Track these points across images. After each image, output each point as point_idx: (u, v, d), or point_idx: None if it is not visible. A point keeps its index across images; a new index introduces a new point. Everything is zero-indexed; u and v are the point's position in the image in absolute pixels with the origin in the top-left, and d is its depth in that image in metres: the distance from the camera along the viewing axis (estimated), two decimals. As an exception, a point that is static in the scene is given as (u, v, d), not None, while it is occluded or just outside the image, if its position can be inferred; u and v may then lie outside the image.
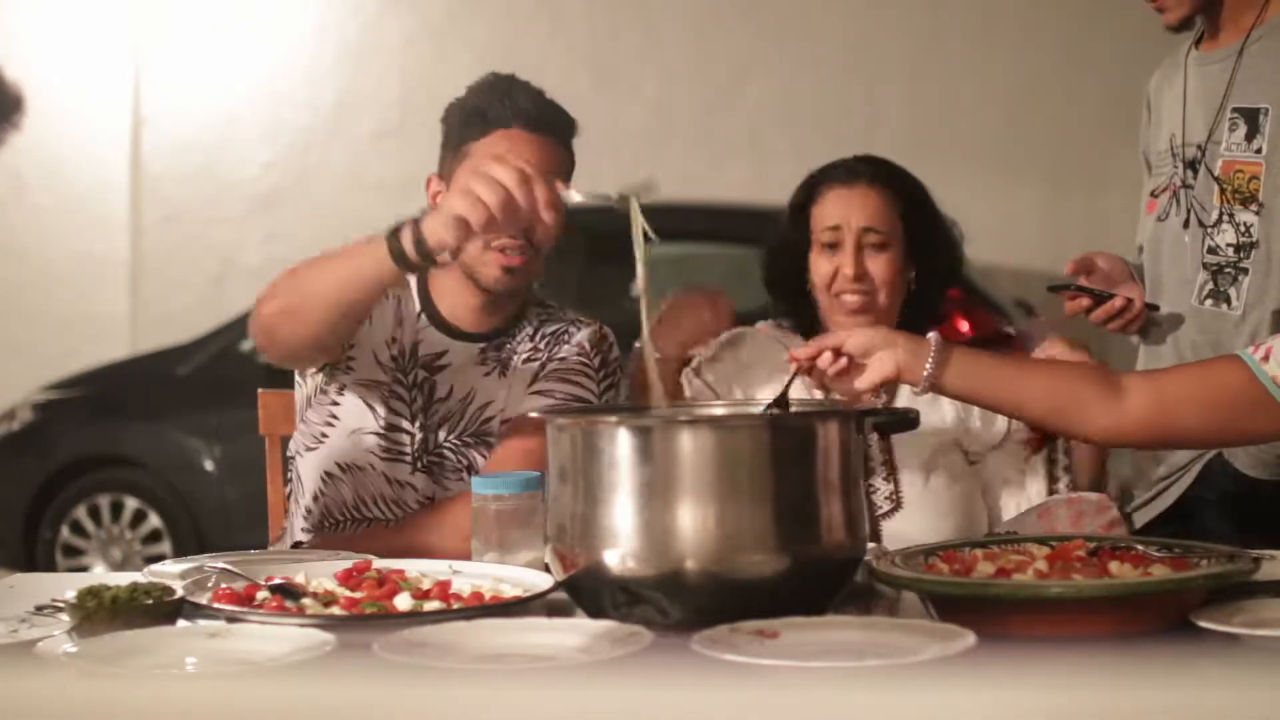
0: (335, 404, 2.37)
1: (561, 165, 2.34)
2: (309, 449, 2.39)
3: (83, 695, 1.47)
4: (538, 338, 2.40)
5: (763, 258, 2.55)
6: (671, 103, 8.02)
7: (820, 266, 2.42)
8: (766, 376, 2.39)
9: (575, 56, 8.02)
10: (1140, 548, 1.79)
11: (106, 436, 6.28)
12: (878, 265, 2.40)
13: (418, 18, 8.07)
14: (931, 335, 1.97)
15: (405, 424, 2.35)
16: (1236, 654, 1.57)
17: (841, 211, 2.43)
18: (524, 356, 2.39)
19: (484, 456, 2.35)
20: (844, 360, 1.97)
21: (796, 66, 7.97)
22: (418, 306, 2.38)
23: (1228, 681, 1.50)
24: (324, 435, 2.37)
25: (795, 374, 1.99)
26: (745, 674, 1.46)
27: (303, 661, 1.53)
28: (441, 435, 2.35)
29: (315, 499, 2.38)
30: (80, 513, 6.13)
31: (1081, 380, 1.96)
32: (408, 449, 2.35)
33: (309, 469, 2.39)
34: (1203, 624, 1.60)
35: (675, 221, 6.91)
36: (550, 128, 2.33)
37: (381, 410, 2.35)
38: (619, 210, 2.04)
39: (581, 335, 2.41)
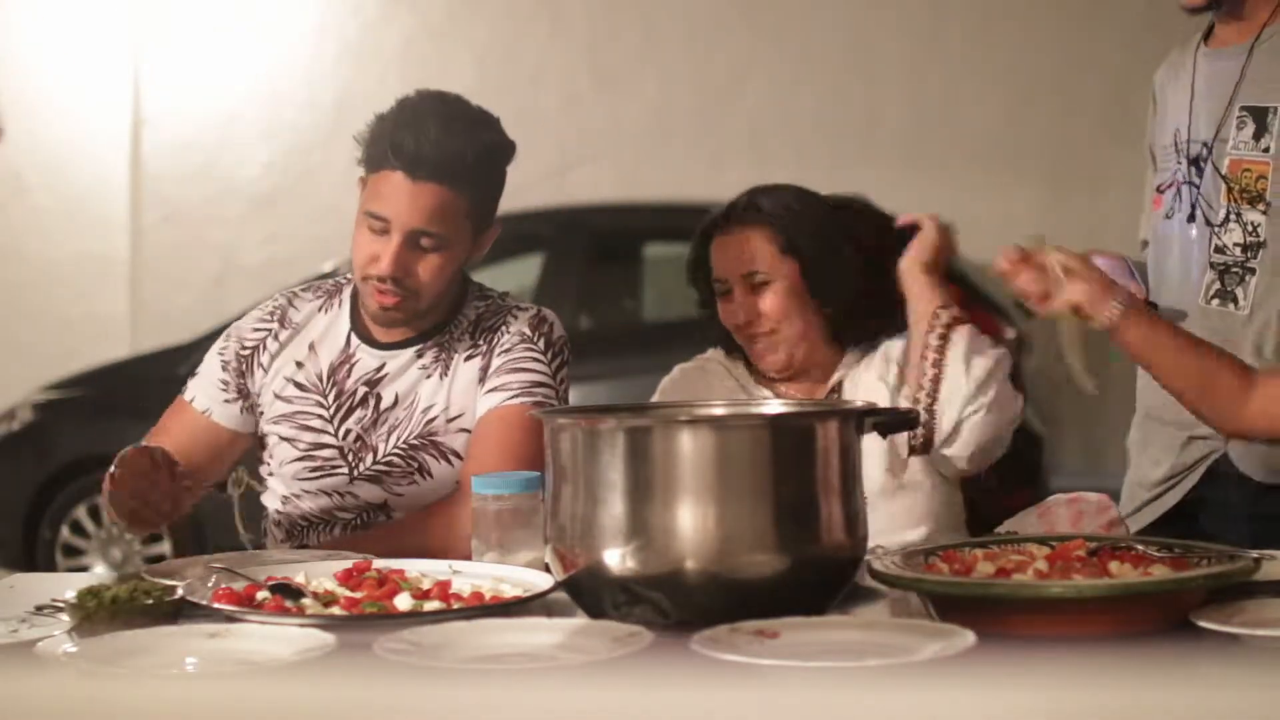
0: (263, 448, 2.45)
1: (448, 209, 2.27)
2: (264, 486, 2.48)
3: (83, 695, 1.47)
4: (476, 333, 2.39)
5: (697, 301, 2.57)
6: (671, 103, 8.02)
7: (722, 310, 2.48)
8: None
9: (575, 56, 8.02)
10: (1140, 548, 1.79)
11: (106, 436, 6.26)
12: (767, 303, 2.42)
13: (418, 18, 8.07)
14: (1131, 286, 2.11)
15: (329, 439, 2.37)
16: (1236, 654, 1.57)
17: (722, 262, 2.47)
18: (464, 355, 2.37)
19: (434, 458, 2.35)
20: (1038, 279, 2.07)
21: (796, 67, 7.97)
22: (349, 325, 2.41)
23: (1228, 681, 1.50)
24: (269, 474, 2.45)
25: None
26: (745, 674, 1.46)
27: (303, 661, 1.53)
28: (391, 442, 2.36)
29: (277, 524, 2.45)
30: (80, 513, 6.13)
31: (1226, 369, 2.11)
32: (339, 461, 2.37)
33: (268, 500, 2.46)
34: (1203, 624, 1.60)
35: (675, 221, 6.95)
36: (437, 174, 2.25)
37: (300, 435, 2.38)
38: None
39: (520, 322, 2.39)
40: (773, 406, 2.09)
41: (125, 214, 8.15)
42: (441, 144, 2.26)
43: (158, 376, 6.52)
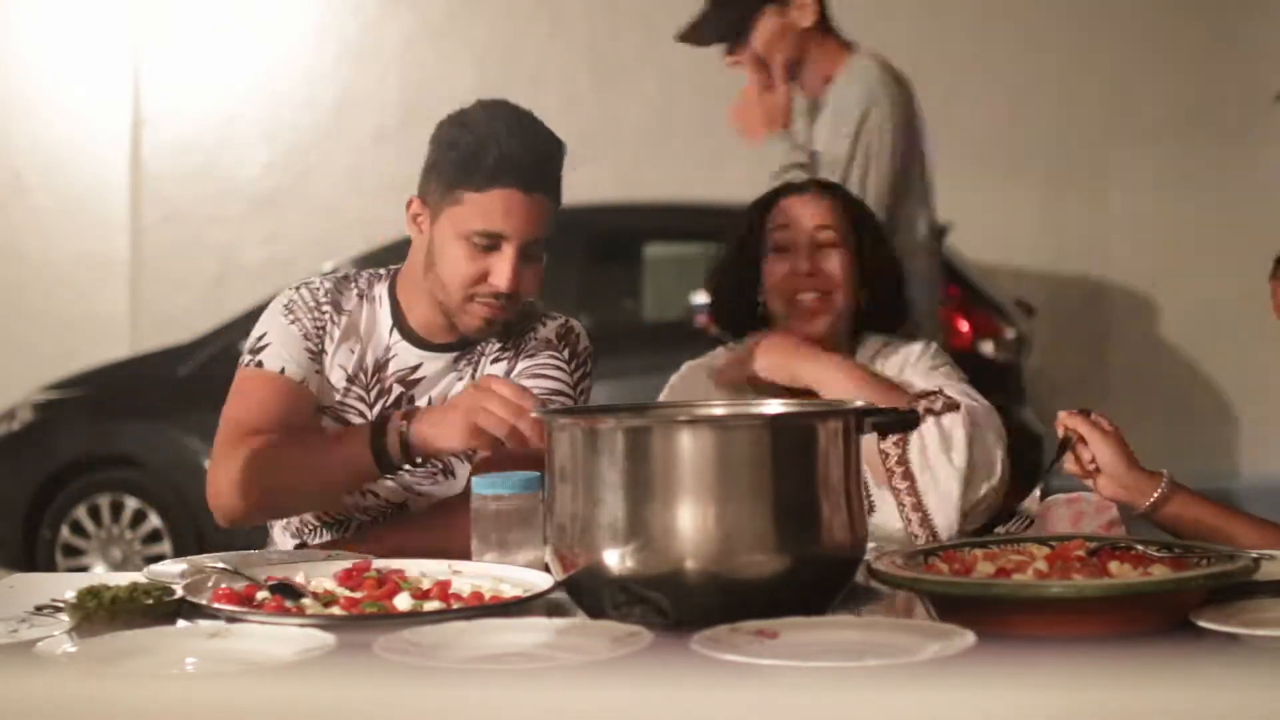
0: None
1: (549, 216, 2.31)
2: None
3: (83, 695, 1.47)
4: (505, 337, 2.40)
5: (708, 274, 2.60)
6: (671, 103, 8.03)
7: (774, 269, 2.50)
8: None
9: (575, 56, 8.03)
10: (1140, 548, 1.80)
11: (106, 436, 6.28)
12: (831, 264, 2.48)
13: (418, 18, 8.08)
14: (1164, 472, 2.18)
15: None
16: (1236, 654, 1.57)
17: (795, 213, 2.51)
18: (492, 357, 2.39)
19: (458, 459, 2.36)
20: (1092, 465, 2.20)
21: (796, 66, 7.97)
22: (390, 321, 2.39)
23: (1228, 681, 1.50)
24: None
25: (1064, 447, 2.20)
26: (745, 674, 1.46)
27: (303, 661, 1.53)
28: None
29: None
30: (80, 513, 6.13)
31: (1250, 534, 2.13)
32: None
33: None
34: (1203, 624, 1.60)
35: (675, 221, 6.96)
36: (545, 184, 2.30)
37: (336, 425, 2.37)
38: None
39: (547, 330, 2.42)
40: (773, 406, 2.09)
41: (125, 214, 8.15)
42: (542, 154, 2.31)
43: (158, 376, 6.53)
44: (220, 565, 1.95)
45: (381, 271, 2.46)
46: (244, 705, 1.44)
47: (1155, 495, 2.16)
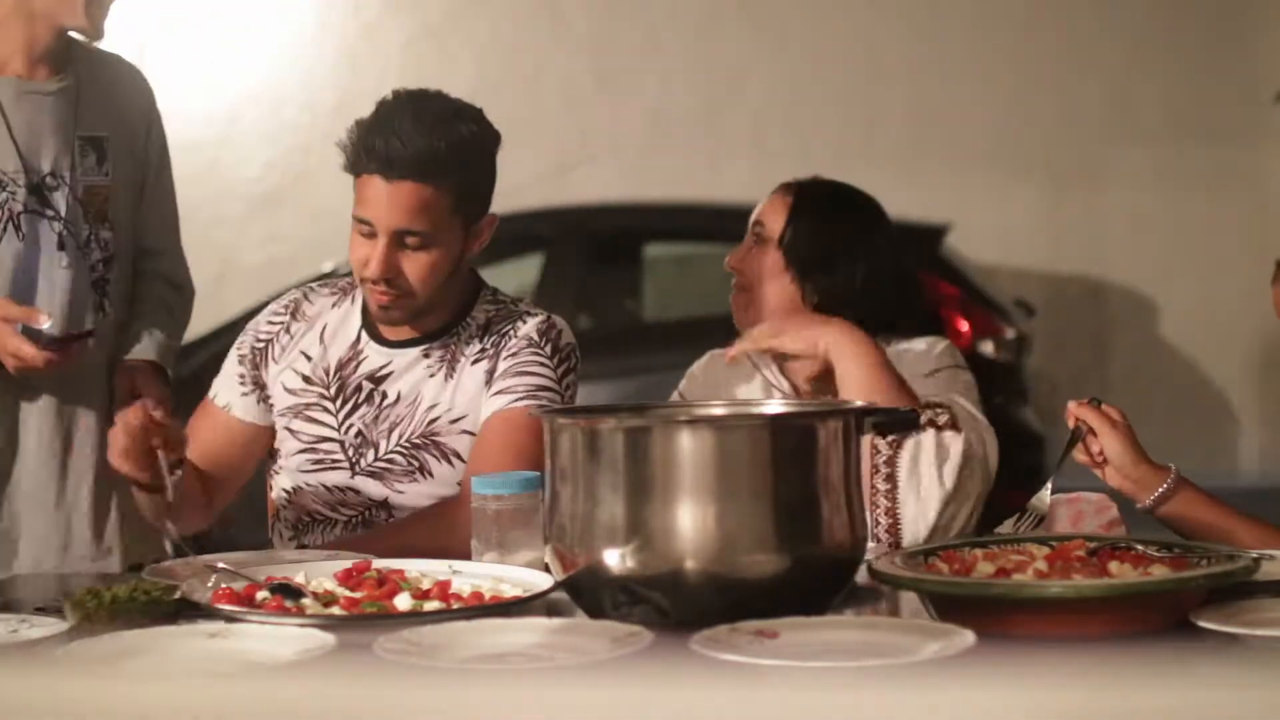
0: (273, 449, 2.47)
1: (429, 206, 2.25)
2: (272, 475, 2.50)
3: (83, 695, 1.47)
4: (485, 336, 2.39)
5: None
6: (671, 103, 8.02)
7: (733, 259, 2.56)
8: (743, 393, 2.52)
9: (575, 56, 8.02)
10: (1140, 548, 1.79)
11: (106, 436, 6.27)
12: (752, 259, 2.51)
13: (418, 18, 8.07)
14: (1172, 467, 2.18)
15: (331, 432, 2.39)
16: (1236, 654, 1.57)
17: (760, 209, 2.56)
18: (472, 358, 2.38)
19: (435, 458, 2.36)
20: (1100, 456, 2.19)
21: (796, 66, 7.97)
22: (360, 321, 2.42)
23: (1228, 681, 1.50)
24: (277, 469, 2.47)
25: (1074, 438, 2.19)
26: (745, 674, 1.46)
27: (303, 661, 1.53)
28: (392, 440, 2.36)
29: (283, 520, 2.46)
30: (80, 513, 6.12)
31: (1246, 534, 2.12)
32: (340, 456, 2.38)
33: (276, 495, 2.48)
34: (1203, 624, 1.60)
35: (675, 221, 6.96)
36: (412, 172, 2.23)
37: (304, 427, 2.39)
38: None
39: (528, 327, 2.40)
40: (773, 406, 2.09)
41: (125, 214, 8.15)
42: (413, 140, 2.24)
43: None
44: (220, 565, 1.95)
45: None
46: (244, 705, 1.44)
47: (1160, 490, 2.15)
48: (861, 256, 2.49)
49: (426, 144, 2.24)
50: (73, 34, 2.60)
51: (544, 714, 1.41)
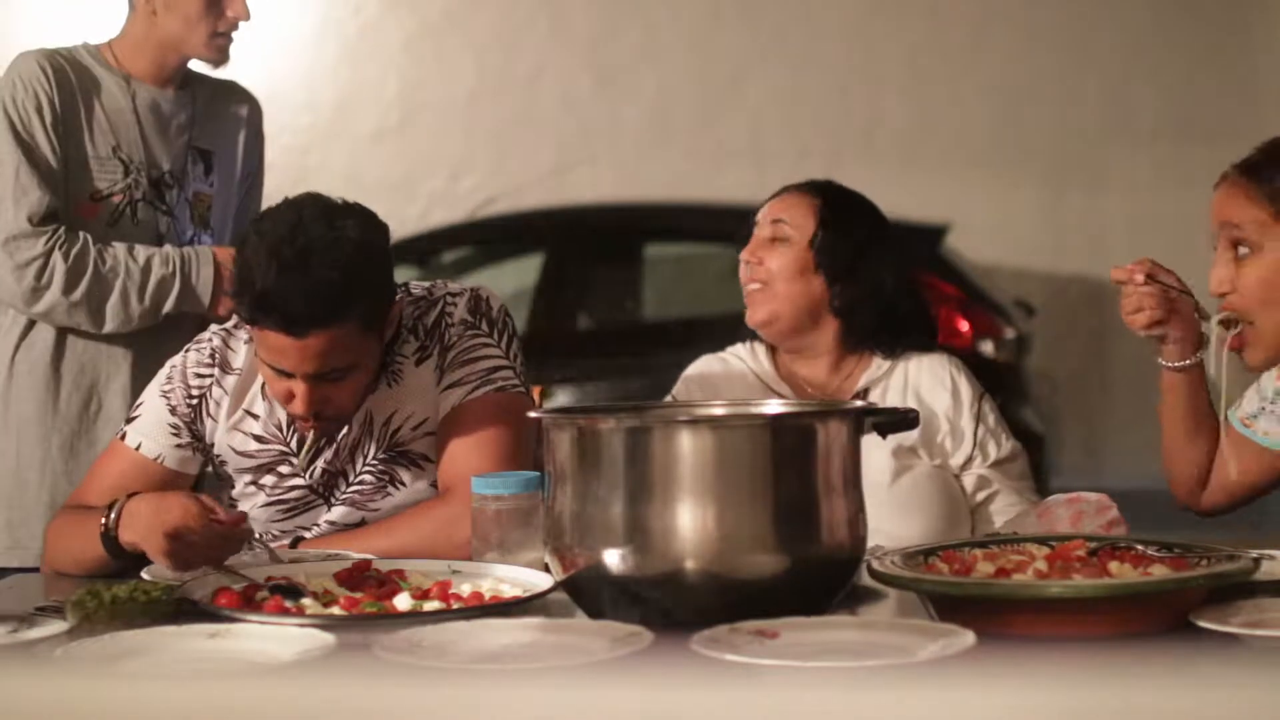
0: (228, 486, 2.38)
1: (339, 343, 2.15)
2: None
3: (83, 695, 1.47)
4: (420, 333, 2.32)
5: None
6: (671, 103, 8.02)
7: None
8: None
9: (575, 56, 8.02)
10: (1140, 548, 1.79)
11: (106, 436, 6.27)
12: (773, 257, 2.51)
13: (418, 18, 8.07)
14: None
15: (299, 481, 2.32)
16: (1236, 654, 1.57)
17: (768, 206, 2.58)
18: (414, 359, 2.31)
19: (404, 467, 2.31)
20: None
21: (796, 66, 7.97)
22: None
23: (1228, 681, 1.50)
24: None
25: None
26: (745, 674, 1.46)
27: (303, 661, 1.53)
28: (359, 465, 2.31)
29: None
30: (80, 513, 6.12)
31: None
32: (312, 497, 2.32)
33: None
34: (1203, 624, 1.60)
35: (675, 221, 6.95)
36: (318, 320, 2.11)
37: (270, 480, 2.33)
38: None
39: (459, 310, 2.33)
40: (773, 406, 2.09)
41: (125, 214, 8.15)
42: (308, 294, 2.10)
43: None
44: (220, 565, 1.95)
45: None
46: (244, 705, 1.44)
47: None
48: (884, 264, 2.52)
49: (323, 290, 2.10)
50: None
51: (544, 714, 1.41)
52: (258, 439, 2.32)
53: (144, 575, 1.99)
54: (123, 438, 2.34)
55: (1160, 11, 7.89)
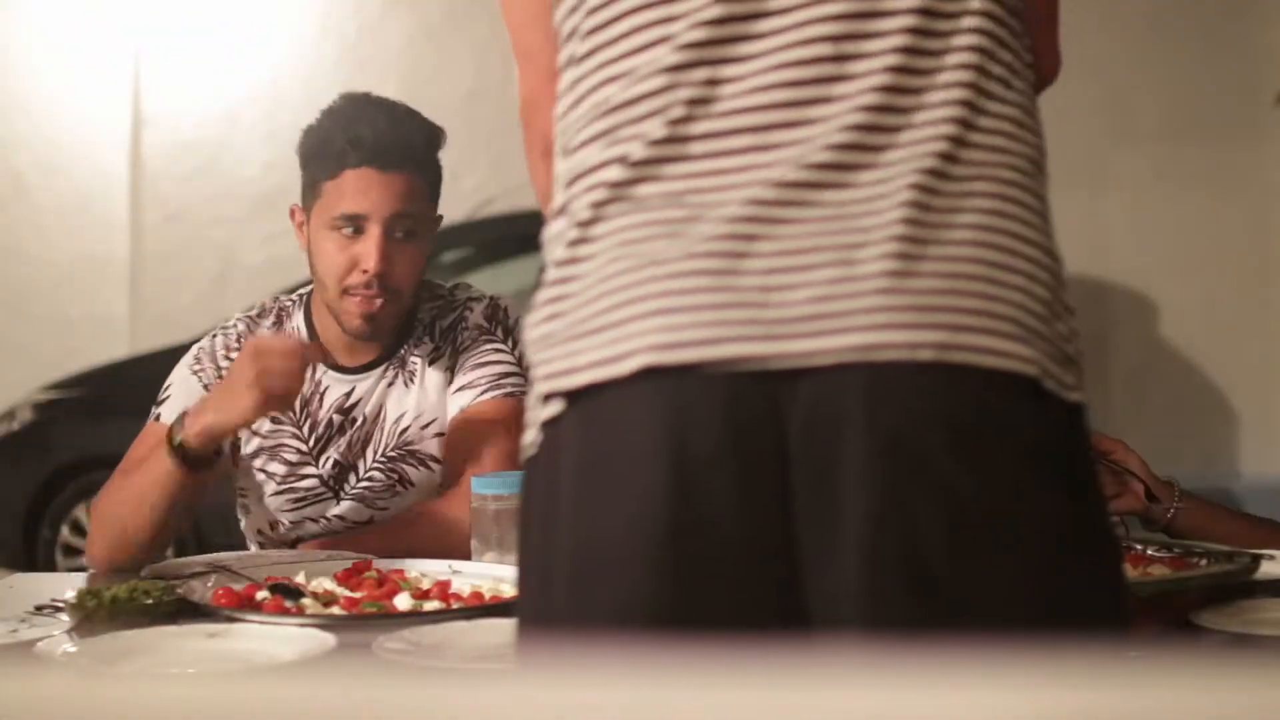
0: (242, 490, 2.40)
1: (416, 193, 2.26)
2: (242, 513, 2.44)
3: (83, 695, 1.47)
4: (435, 334, 2.35)
5: None
6: (671, 103, 8.02)
7: None
8: None
9: (575, 56, 8.02)
10: (1140, 547, 1.79)
11: (106, 436, 6.27)
12: None
13: (418, 18, 8.07)
14: (1174, 479, 2.20)
15: (310, 470, 2.34)
16: (1236, 654, 1.57)
17: None
18: (428, 359, 2.34)
19: (412, 467, 2.33)
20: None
21: (796, 66, 7.97)
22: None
23: (1228, 681, 1.50)
24: (245, 508, 2.42)
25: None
26: (745, 673, 1.46)
27: (303, 661, 1.53)
28: (369, 459, 2.33)
29: (261, 546, 2.40)
30: (80, 513, 6.12)
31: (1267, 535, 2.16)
32: (321, 488, 2.34)
33: (248, 530, 2.43)
34: (1203, 624, 1.60)
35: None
36: (402, 160, 2.24)
37: (279, 469, 2.35)
38: None
39: (475, 315, 2.36)
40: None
41: (125, 214, 8.14)
42: (396, 132, 2.25)
43: (157, 376, 6.52)
44: (220, 565, 1.95)
45: (294, 298, 2.42)
46: (244, 705, 1.44)
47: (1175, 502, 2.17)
48: None
49: (409, 135, 2.26)
50: None
51: (543, 714, 1.41)
52: (272, 420, 2.34)
53: (143, 575, 1.99)
54: (158, 419, 2.37)
55: (1160, 11, 7.89)
